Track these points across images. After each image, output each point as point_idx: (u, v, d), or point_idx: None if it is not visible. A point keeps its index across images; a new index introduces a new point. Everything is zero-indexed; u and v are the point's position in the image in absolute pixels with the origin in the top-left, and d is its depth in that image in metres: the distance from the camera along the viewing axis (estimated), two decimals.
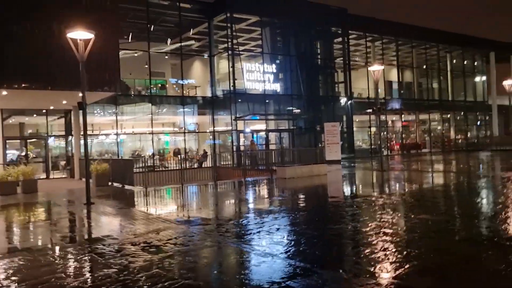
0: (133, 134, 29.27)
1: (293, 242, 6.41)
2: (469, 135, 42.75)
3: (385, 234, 6.65)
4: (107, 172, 17.09)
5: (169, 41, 30.57)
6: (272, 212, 9.17)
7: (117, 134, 25.65)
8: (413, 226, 7.43)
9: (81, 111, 12.23)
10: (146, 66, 28.81)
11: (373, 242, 6.16)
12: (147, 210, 11.05)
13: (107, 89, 17.23)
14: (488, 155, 29.77)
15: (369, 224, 7.43)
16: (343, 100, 32.82)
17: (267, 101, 28.68)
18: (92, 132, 27.30)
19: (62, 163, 25.83)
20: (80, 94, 17.63)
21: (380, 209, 9.13)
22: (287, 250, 5.96)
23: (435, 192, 12.54)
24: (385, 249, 5.75)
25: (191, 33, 30.76)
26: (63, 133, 24.85)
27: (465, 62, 42.63)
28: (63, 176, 24.16)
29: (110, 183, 17.30)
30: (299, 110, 29.89)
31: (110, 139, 27.29)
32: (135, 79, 30.11)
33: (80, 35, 11.37)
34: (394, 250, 5.71)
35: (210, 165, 26.17)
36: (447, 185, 14.30)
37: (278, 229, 7.37)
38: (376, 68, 18.42)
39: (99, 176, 16.86)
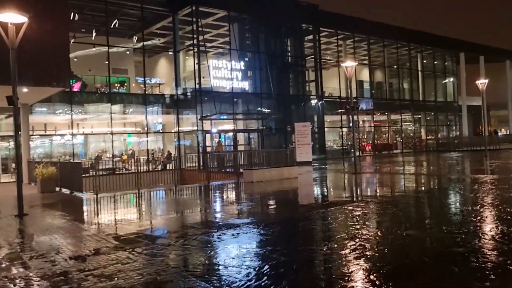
0: (92, 134, 27.33)
1: (253, 274, 5.04)
2: (439, 135, 42.54)
3: (368, 259, 5.39)
4: (54, 176, 15.32)
5: (135, 38, 28.79)
6: (232, 227, 7.79)
7: (72, 135, 23.71)
8: (401, 246, 6.20)
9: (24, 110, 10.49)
10: (107, 62, 27.01)
11: (354, 273, 4.88)
12: (87, 223, 9.49)
13: (55, 84, 15.45)
14: (458, 156, 29.29)
15: (348, 244, 6.15)
16: (314, 100, 31.80)
17: (235, 100, 27.31)
18: (45, 132, 25.25)
19: (14, 165, 23.73)
20: (25, 90, 15.80)
21: (358, 221, 7.89)
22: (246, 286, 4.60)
23: (416, 199, 11.44)
24: (370, 282, 4.48)
25: (154, 28, 29.10)
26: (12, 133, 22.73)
27: (436, 62, 42.45)
28: (12, 180, 22.08)
29: (58, 189, 15.56)
30: (269, 110, 28.62)
31: (66, 140, 25.30)
32: (95, 76, 28.26)
33: (10, 18, 9.70)
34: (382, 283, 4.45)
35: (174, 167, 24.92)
36: (424, 190, 13.28)
37: (236, 254, 6.01)
38: (349, 64, 17.31)
39: (45, 181, 15.06)
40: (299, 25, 31.48)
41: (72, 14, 24.67)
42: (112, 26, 26.88)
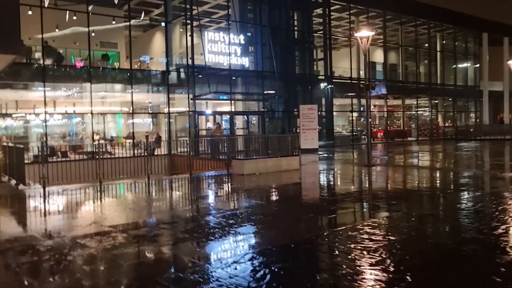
0: (67, 114, 24.47)
1: None
2: (457, 123, 39.25)
3: None
4: (1, 164, 12.57)
5: (124, 8, 25.61)
6: (201, 259, 4.94)
7: (45, 114, 20.79)
8: None
9: None
10: (93, 34, 24.03)
11: None
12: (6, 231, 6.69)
13: (2, 50, 12.51)
14: (479, 146, 26.18)
15: None
16: (322, 81, 28.68)
17: (233, 78, 24.24)
18: (17, 110, 22.49)
19: None
20: None
21: (380, 254, 4.99)
22: None
23: (452, 210, 8.47)
24: None
25: None
26: None
27: (456, 43, 38.88)
28: None
29: (7, 179, 12.81)
30: (272, 91, 25.46)
31: (40, 120, 22.47)
32: (80, 50, 25.27)
33: None
34: None
35: (165, 153, 22.11)
36: (453, 190, 10.29)
37: None
38: (364, 34, 14.20)
39: None
40: None
41: None
42: None
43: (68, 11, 22.66)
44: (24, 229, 7.43)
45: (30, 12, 20.57)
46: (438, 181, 12.55)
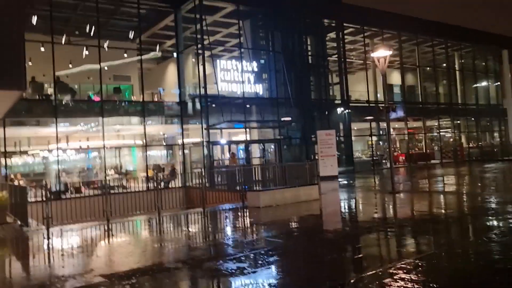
0: (79, 149, 24.13)
1: None
2: (482, 143, 37.80)
3: None
4: (6, 203, 12.02)
5: (136, 41, 25.58)
6: None
7: (57, 150, 20.43)
8: None
9: None
10: (106, 68, 23.95)
11: None
12: None
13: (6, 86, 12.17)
14: (506, 167, 24.86)
15: None
16: (338, 105, 27.91)
17: (247, 106, 23.68)
18: (29, 147, 22.27)
19: None
20: None
21: None
22: None
23: (490, 242, 7.46)
24: None
25: (157, 29, 25.93)
26: None
27: (476, 62, 37.85)
28: None
29: (13, 220, 12.25)
30: (289, 118, 24.69)
31: (53, 156, 22.13)
32: (94, 85, 25.13)
33: None
34: None
35: (180, 185, 21.45)
36: (490, 219, 9.24)
37: None
38: (381, 54, 13.49)
39: None
40: (320, 21, 27.77)
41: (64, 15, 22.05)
42: (107, 28, 23.95)
43: (81, 46, 22.68)
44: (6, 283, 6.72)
45: (42, 49, 20.56)
46: (471, 209, 11.49)
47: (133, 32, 24.51)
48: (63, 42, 22.31)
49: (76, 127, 22.40)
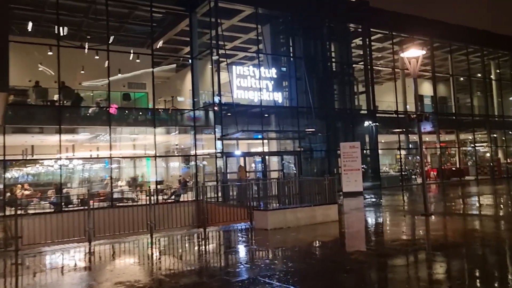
0: (86, 158, 22.96)
1: None
2: None
3: None
4: None
5: (152, 46, 24.43)
6: None
7: (60, 159, 19.21)
8: None
9: None
10: (120, 74, 22.90)
11: None
12: None
13: None
14: None
15: None
16: (365, 116, 25.95)
17: (265, 115, 22.07)
18: (32, 156, 21.23)
19: None
20: None
21: None
22: None
23: None
24: None
25: (173, 34, 24.74)
26: None
27: None
28: None
29: None
30: (312, 130, 22.82)
31: (57, 165, 20.97)
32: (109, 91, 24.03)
33: None
34: None
35: (192, 198, 19.95)
36: None
37: None
38: (413, 54, 11.66)
39: None
40: (345, 25, 25.99)
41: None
42: (119, 32, 22.90)
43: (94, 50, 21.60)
44: None
45: (50, 53, 19.63)
46: None
47: (148, 38, 23.42)
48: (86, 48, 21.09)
49: (82, 136, 21.27)
